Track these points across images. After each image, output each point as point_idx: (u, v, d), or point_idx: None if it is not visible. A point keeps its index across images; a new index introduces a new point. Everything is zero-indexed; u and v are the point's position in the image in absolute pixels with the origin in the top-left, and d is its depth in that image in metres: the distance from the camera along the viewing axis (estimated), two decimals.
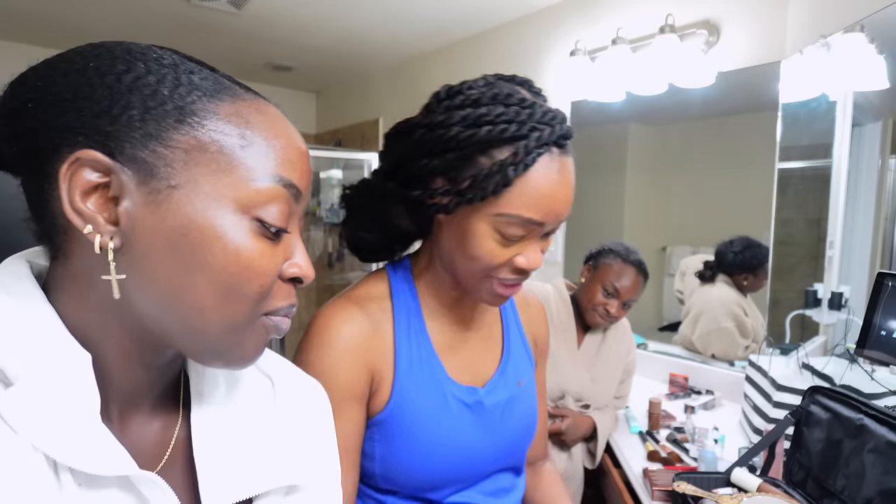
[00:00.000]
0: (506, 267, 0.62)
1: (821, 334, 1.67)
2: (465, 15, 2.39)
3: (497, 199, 0.58)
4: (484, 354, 0.75)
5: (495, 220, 0.59)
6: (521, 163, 0.56)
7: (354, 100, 3.55)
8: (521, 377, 0.76)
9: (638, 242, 1.64)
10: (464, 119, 0.57)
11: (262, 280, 0.37)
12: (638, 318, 1.87)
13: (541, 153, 0.57)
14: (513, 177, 0.56)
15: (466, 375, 0.71)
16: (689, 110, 1.93)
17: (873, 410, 0.89)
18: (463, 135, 0.57)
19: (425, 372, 0.68)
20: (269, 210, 0.36)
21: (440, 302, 0.72)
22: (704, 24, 1.76)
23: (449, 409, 0.68)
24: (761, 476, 1.04)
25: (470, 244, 0.61)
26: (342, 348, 0.64)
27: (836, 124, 1.59)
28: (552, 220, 0.60)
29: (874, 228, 1.57)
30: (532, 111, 0.58)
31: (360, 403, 0.66)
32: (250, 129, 0.37)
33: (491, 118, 0.57)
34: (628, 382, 1.60)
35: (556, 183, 0.59)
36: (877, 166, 1.57)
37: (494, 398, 0.71)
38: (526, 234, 0.60)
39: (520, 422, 0.74)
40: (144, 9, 2.35)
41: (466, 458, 0.68)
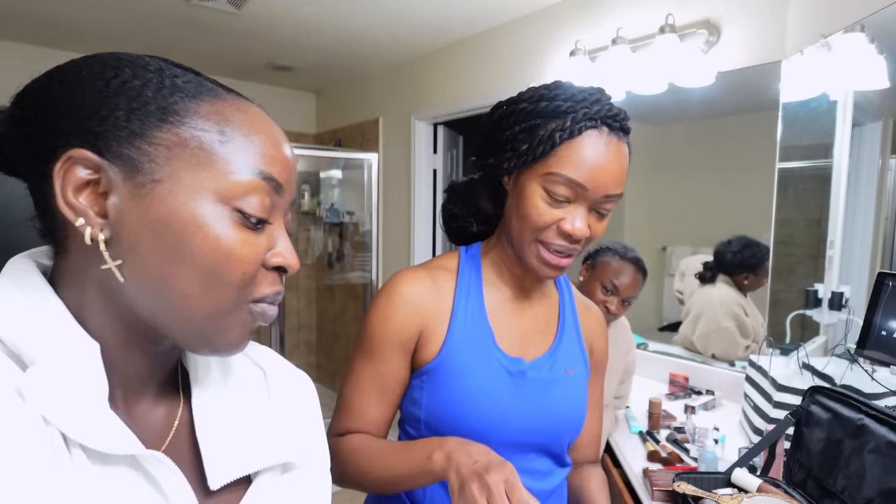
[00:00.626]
0: (552, 229, 0.70)
1: (821, 334, 1.67)
2: (465, 15, 2.39)
3: (547, 160, 0.68)
4: (536, 335, 0.81)
5: (545, 178, 0.68)
6: (568, 129, 0.66)
7: (354, 100, 3.55)
8: (569, 367, 0.81)
9: (638, 242, 1.64)
10: (530, 97, 0.71)
11: (243, 268, 0.39)
12: (638, 318, 1.87)
13: (588, 126, 0.67)
14: (559, 141, 0.66)
15: (515, 348, 0.78)
16: (689, 110, 1.93)
17: (874, 410, 0.89)
18: (528, 108, 0.70)
19: (474, 334, 0.76)
20: (250, 201, 0.39)
21: (501, 277, 0.81)
22: (704, 24, 1.76)
23: (490, 371, 0.75)
24: (761, 476, 1.04)
25: (523, 202, 0.70)
26: (400, 301, 0.75)
27: (836, 124, 1.59)
28: (596, 187, 0.67)
29: (874, 228, 1.57)
30: (588, 95, 0.69)
31: (403, 351, 0.76)
32: (230, 126, 0.39)
33: (551, 96, 0.69)
34: (628, 382, 1.60)
35: (602, 155, 0.67)
36: (877, 166, 1.57)
37: (537, 374, 0.78)
38: (572, 197, 0.68)
39: (561, 406, 0.79)
40: (144, 9, 2.35)
41: (500, 419, 0.74)
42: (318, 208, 3.86)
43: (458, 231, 0.87)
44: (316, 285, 4.11)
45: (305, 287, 4.06)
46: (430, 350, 0.75)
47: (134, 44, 2.85)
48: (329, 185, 3.89)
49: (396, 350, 0.75)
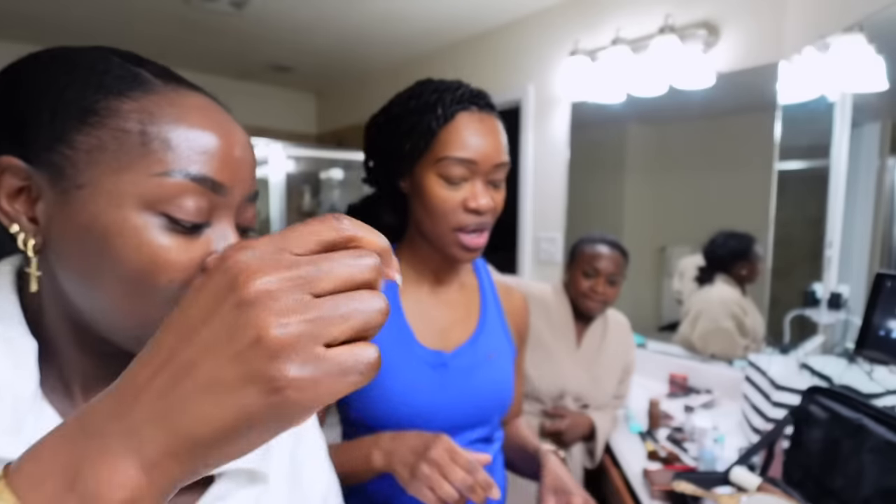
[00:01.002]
0: (459, 210, 0.74)
1: (820, 334, 1.67)
2: (465, 15, 2.39)
3: (433, 148, 0.73)
4: (457, 324, 0.85)
5: (437, 166, 0.73)
6: (442, 116, 0.72)
7: (354, 100, 3.56)
8: (491, 351, 0.85)
9: (638, 242, 1.65)
10: (398, 103, 0.77)
11: (171, 275, 0.37)
12: (638, 318, 1.87)
13: (458, 108, 0.73)
14: (436, 127, 0.72)
15: (437, 340, 0.82)
16: (688, 111, 1.93)
17: (872, 410, 0.89)
18: (400, 112, 0.76)
19: (392, 334, 0.79)
20: (179, 205, 0.36)
21: (417, 274, 0.84)
22: (704, 24, 1.76)
23: (411, 367, 0.78)
24: (760, 475, 1.05)
25: (425, 196, 0.74)
26: None
27: (834, 125, 1.59)
28: (485, 160, 0.73)
29: (873, 228, 1.57)
30: (449, 85, 0.75)
31: None
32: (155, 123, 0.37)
33: (417, 94, 0.75)
34: (627, 382, 1.60)
35: (479, 130, 0.73)
36: (876, 167, 1.57)
37: (460, 363, 0.81)
38: (467, 175, 0.73)
39: (486, 390, 0.83)
40: (144, 9, 2.36)
41: (427, 411, 0.78)
42: (318, 209, 3.86)
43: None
44: None
45: None
46: None
47: (134, 44, 2.83)
48: (329, 186, 3.89)
49: None
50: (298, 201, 3.89)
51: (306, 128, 3.95)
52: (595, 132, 2.20)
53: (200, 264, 0.38)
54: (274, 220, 3.08)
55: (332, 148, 3.60)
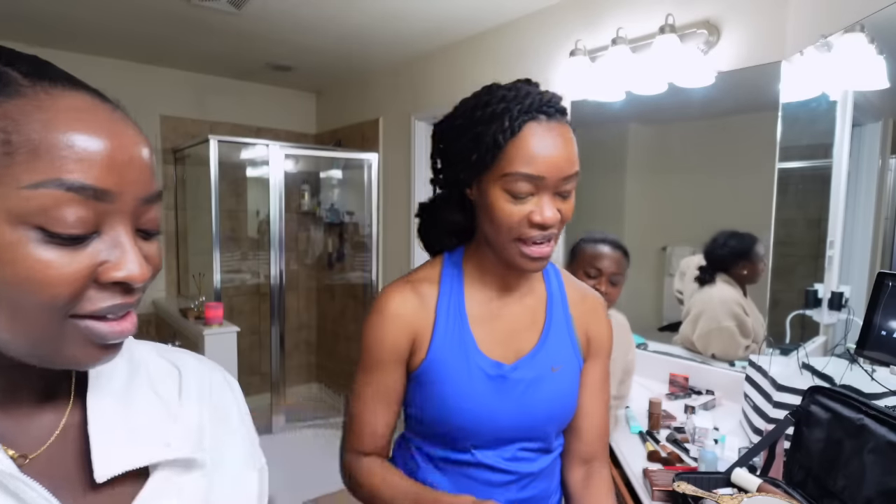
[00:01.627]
0: (524, 224, 0.72)
1: (821, 334, 1.67)
2: (465, 15, 2.39)
3: (499, 163, 0.71)
4: (521, 333, 0.83)
5: (503, 181, 0.71)
6: (508, 129, 0.69)
7: (354, 100, 3.55)
8: (556, 363, 0.83)
9: (638, 242, 1.65)
10: (463, 111, 0.76)
11: (54, 290, 0.35)
12: (638, 318, 1.87)
13: (526, 119, 0.70)
14: (503, 142, 0.69)
15: (499, 350, 0.81)
16: (689, 110, 1.93)
17: (873, 410, 0.89)
18: (465, 122, 0.75)
19: (456, 341, 0.80)
20: (55, 217, 0.34)
21: (484, 280, 0.83)
22: (704, 24, 1.76)
23: (470, 376, 0.79)
24: (761, 476, 1.04)
25: (492, 208, 0.73)
26: (390, 317, 0.80)
27: (836, 124, 1.59)
28: (552, 173, 0.70)
29: (874, 228, 1.57)
30: (517, 92, 0.72)
31: (400, 363, 0.82)
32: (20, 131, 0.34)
33: (484, 103, 0.73)
34: (628, 382, 1.60)
35: (547, 141, 0.70)
36: (877, 166, 1.57)
37: (520, 375, 0.80)
38: (534, 190, 0.71)
39: (546, 403, 0.82)
40: (144, 8, 2.35)
41: (481, 418, 0.79)
42: (318, 208, 3.86)
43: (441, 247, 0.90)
44: (316, 285, 4.11)
45: (305, 287, 4.06)
46: (417, 358, 0.81)
47: (134, 44, 2.85)
48: (329, 186, 3.89)
49: (394, 363, 0.81)
50: (298, 201, 3.90)
51: (306, 127, 3.95)
52: (595, 131, 2.20)
53: (89, 276, 0.36)
54: (273, 219, 3.08)
55: (331, 148, 3.60)
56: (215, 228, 2.87)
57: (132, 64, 3.17)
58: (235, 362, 2.65)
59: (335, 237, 3.82)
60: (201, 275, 3.04)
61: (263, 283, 3.69)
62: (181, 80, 3.36)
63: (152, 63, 3.21)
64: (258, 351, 3.76)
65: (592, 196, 2.26)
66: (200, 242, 3.11)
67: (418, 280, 0.84)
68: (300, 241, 3.99)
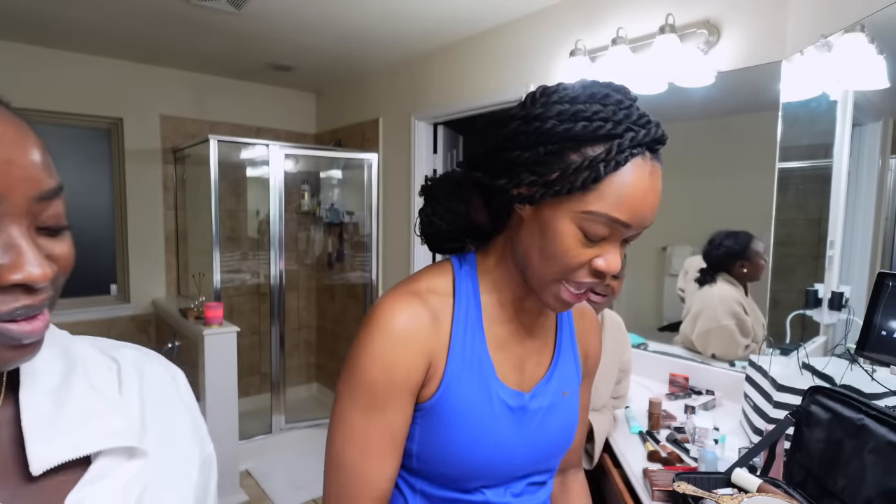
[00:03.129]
0: (584, 269, 0.62)
1: (821, 334, 1.67)
2: (465, 15, 2.39)
3: (584, 195, 0.58)
4: (534, 359, 0.75)
5: (581, 217, 0.59)
6: (613, 160, 0.56)
7: (354, 100, 3.55)
8: (565, 387, 0.76)
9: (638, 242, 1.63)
10: (560, 114, 0.58)
11: None
12: (638, 318, 1.87)
13: (634, 154, 0.57)
14: (604, 173, 0.56)
15: (514, 377, 0.72)
16: (689, 110, 1.93)
17: (874, 410, 0.89)
18: (558, 129, 0.58)
19: (475, 369, 0.68)
20: None
21: (501, 301, 0.72)
22: (704, 24, 1.76)
23: (492, 408, 0.68)
24: (761, 476, 1.04)
25: (552, 241, 0.61)
26: (401, 342, 0.64)
27: (836, 124, 1.59)
28: (637, 223, 0.60)
29: (874, 228, 1.57)
30: (629, 112, 0.59)
31: (412, 394, 0.67)
32: None
33: (588, 115, 0.58)
34: (626, 382, 1.60)
35: (646, 186, 0.59)
36: (877, 166, 1.57)
37: (537, 404, 0.72)
38: (609, 235, 0.60)
39: (557, 430, 0.75)
40: (144, 9, 2.35)
41: (501, 457, 0.69)
42: (318, 208, 3.86)
43: (450, 249, 0.76)
44: (316, 285, 4.11)
45: (305, 287, 4.06)
46: (428, 388, 0.67)
47: (133, 44, 2.85)
48: (329, 185, 3.89)
49: (406, 395, 0.66)
50: (298, 201, 3.90)
51: (306, 127, 3.95)
52: None
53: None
54: (273, 219, 3.08)
55: (331, 148, 3.60)
56: (215, 228, 2.87)
57: (131, 64, 3.17)
58: (235, 362, 2.65)
59: (335, 237, 3.82)
60: (201, 275, 3.04)
61: (263, 283, 3.69)
62: (181, 80, 3.37)
63: (152, 63, 3.21)
64: (258, 351, 3.76)
65: None
66: (200, 242, 3.11)
67: (427, 291, 0.69)
68: (300, 241, 4.00)
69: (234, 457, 2.69)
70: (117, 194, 3.28)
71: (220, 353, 2.59)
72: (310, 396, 4.05)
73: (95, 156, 3.22)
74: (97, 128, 3.20)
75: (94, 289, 3.27)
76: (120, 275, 3.34)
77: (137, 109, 3.23)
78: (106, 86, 3.11)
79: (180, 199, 3.44)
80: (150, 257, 3.35)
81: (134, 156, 3.24)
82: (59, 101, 2.95)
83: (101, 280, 3.30)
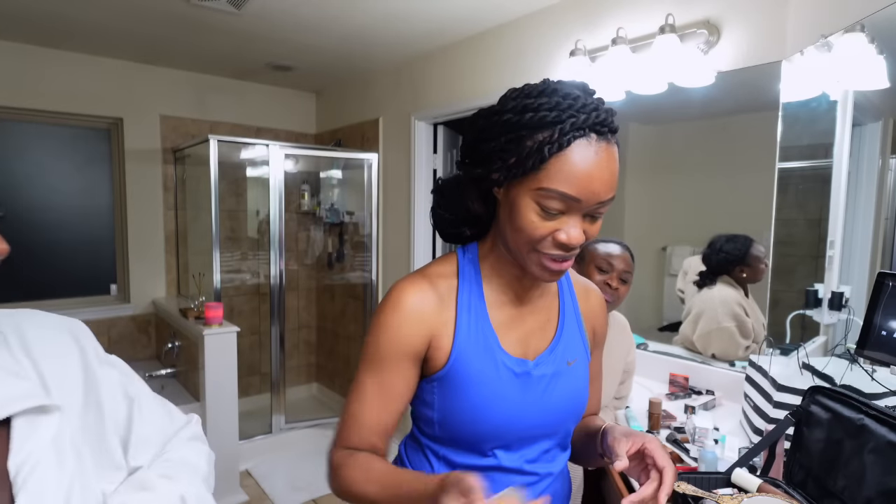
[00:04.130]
0: (547, 240, 0.70)
1: (821, 334, 1.67)
2: (465, 15, 2.39)
3: (537, 174, 0.67)
4: (538, 331, 0.83)
5: (537, 193, 0.68)
6: (556, 142, 0.65)
7: (354, 100, 3.55)
8: (570, 357, 0.84)
9: (638, 242, 1.65)
10: (514, 108, 0.69)
11: None
12: (638, 318, 1.87)
13: (577, 136, 0.66)
14: (549, 154, 0.65)
15: (519, 348, 0.80)
16: (689, 110, 1.93)
17: (874, 410, 0.89)
18: (513, 120, 0.69)
19: (480, 340, 0.78)
20: None
21: (501, 280, 0.81)
22: (704, 24, 1.76)
23: (498, 375, 0.77)
24: (761, 476, 1.04)
25: (516, 216, 0.71)
26: (406, 312, 0.76)
27: (836, 124, 1.59)
28: (588, 197, 0.67)
29: (874, 228, 1.57)
30: (573, 102, 0.67)
31: (412, 361, 0.78)
32: None
33: (535, 106, 0.68)
34: (628, 383, 1.60)
35: (592, 163, 0.67)
36: (877, 166, 1.57)
37: (541, 371, 0.80)
38: (565, 209, 0.68)
39: (564, 397, 0.82)
40: (144, 8, 2.35)
41: (510, 418, 0.77)
42: (318, 208, 3.86)
43: (453, 234, 0.87)
44: (316, 285, 4.11)
45: (305, 287, 4.06)
46: (439, 358, 0.77)
47: (134, 44, 2.85)
48: (329, 185, 3.88)
49: (406, 361, 0.77)
50: (298, 201, 3.90)
51: (306, 127, 3.95)
52: None
53: None
54: (273, 219, 3.08)
55: (331, 148, 3.60)
56: (215, 228, 2.87)
57: (132, 64, 3.17)
58: (235, 362, 2.65)
59: (335, 237, 3.82)
60: (201, 275, 3.04)
61: (263, 283, 3.69)
62: (181, 80, 3.37)
63: (152, 63, 3.21)
64: (258, 351, 3.76)
65: None
66: (200, 242, 3.11)
67: (435, 275, 0.80)
68: (300, 241, 4.00)
69: (234, 457, 2.69)
70: (117, 194, 3.28)
71: (220, 353, 2.60)
72: (310, 396, 4.05)
73: (95, 156, 3.22)
74: (97, 128, 3.20)
75: (94, 289, 3.27)
76: (120, 275, 3.34)
77: (137, 109, 3.23)
78: (106, 86, 3.11)
79: (180, 200, 3.44)
80: (150, 257, 3.35)
81: (134, 156, 3.24)
82: (59, 101, 2.95)
83: (101, 280, 3.30)
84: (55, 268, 3.12)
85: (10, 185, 2.95)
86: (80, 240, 3.20)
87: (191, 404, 2.67)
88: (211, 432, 2.58)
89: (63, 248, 3.14)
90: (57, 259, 3.12)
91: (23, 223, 3.00)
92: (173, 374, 3.07)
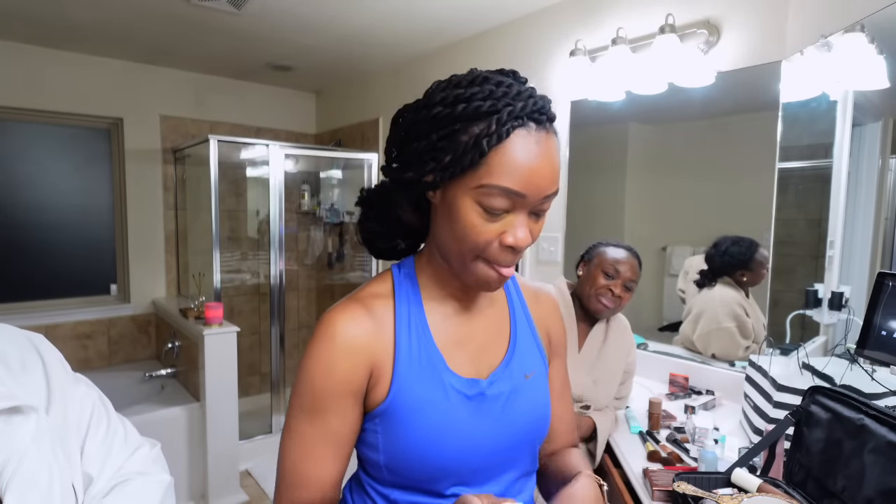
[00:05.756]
0: (494, 245, 0.64)
1: (821, 334, 1.67)
2: (465, 15, 2.39)
3: (476, 171, 0.60)
4: (490, 345, 0.75)
5: (478, 192, 0.61)
6: (495, 134, 0.59)
7: (354, 100, 3.55)
8: (527, 370, 0.76)
9: (638, 242, 1.64)
10: (443, 99, 0.62)
11: None
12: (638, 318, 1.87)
13: (515, 126, 0.60)
14: (487, 148, 0.59)
15: (471, 367, 0.72)
16: (689, 110, 1.93)
17: (874, 410, 0.89)
18: (443, 113, 0.62)
19: (424, 364, 0.69)
20: None
21: (443, 294, 0.73)
22: (704, 24, 1.76)
23: (448, 400, 0.68)
24: (761, 476, 1.04)
25: (457, 220, 0.63)
26: (340, 346, 0.66)
27: (836, 124, 1.59)
28: (533, 192, 0.61)
29: (874, 228, 1.56)
30: (507, 90, 0.61)
31: (354, 399, 0.68)
32: None
33: (466, 96, 0.61)
34: (629, 383, 1.60)
35: (534, 155, 0.60)
36: (877, 166, 1.57)
37: (497, 389, 0.72)
38: (510, 207, 0.62)
39: (525, 413, 0.74)
40: (144, 9, 2.35)
41: (465, 449, 0.68)
42: (318, 208, 3.86)
43: (387, 249, 0.78)
44: (316, 285, 4.11)
45: (305, 287, 4.06)
46: (379, 391, 0.68)
47: (134, 44, 2.85)
48: (329, 185, 3.88)
49: (347, 399, 0.67)
50: (298, 201, 3.90)
51: (306, 127, 3.94)
52: (595, 131, 2.20)
53: None
54: (273, 219, 3.08)
55: (331, 148, 3.60)
56: (215, 228, 2.87)
57: (132, 64, 3.17)
58: (235, 362, 2.65)
59: (335, 237, 3.82)
60: (201, 275, 3.04)
61: (263, 283, 3.69)
62: (181, 80, 3.37)
63: (152, 63, 3.21)
64: (258, 351, 3.76)
65: (592, 196, 2.26)
66: (200, 242, 3.11)
67: (369, 297, 0.71)
68: (300, 241, 3.99)
69: (234, 457, 2.69)
70: (117, 194, 3.28)
71: (220, 353, 2.59)
72: None
73: (95, 156, 3.22)
74: (97, 128, 3.20)
75: (94, 289, 3.27)
76: (120, 275, 3.34)
77: (137, 109, 3.23)
78: (106, 86, 3.11)
79: (180, 199, 3.44)
80: (150, 257, 3.35)
81: (134, 156, 3.24)
82: (60, 101, 2.95)
83: (101, 280, 3.30)
84: (55, 268, 3.12)
85: (10, 184, 2.95)
86: (80, 240, 3.20)
87: (191, 404, 2.66)
88: (211, 432, 2.58)
89: (63, 248, 3.14)
90: (57, 259, 3.12)
91: (23, 223, 3.00)
92: (173, 374, 3.07)
